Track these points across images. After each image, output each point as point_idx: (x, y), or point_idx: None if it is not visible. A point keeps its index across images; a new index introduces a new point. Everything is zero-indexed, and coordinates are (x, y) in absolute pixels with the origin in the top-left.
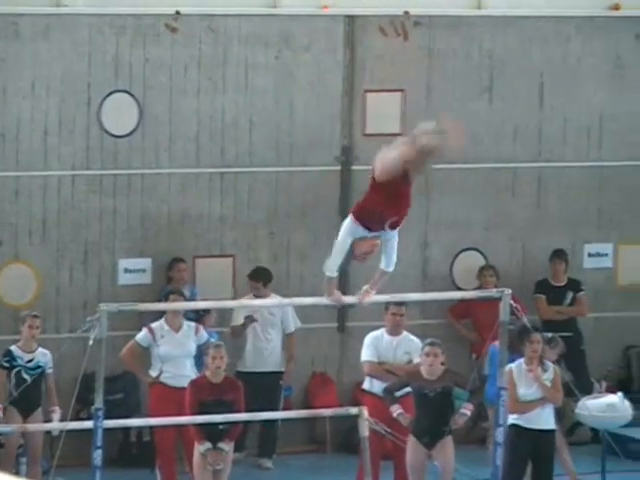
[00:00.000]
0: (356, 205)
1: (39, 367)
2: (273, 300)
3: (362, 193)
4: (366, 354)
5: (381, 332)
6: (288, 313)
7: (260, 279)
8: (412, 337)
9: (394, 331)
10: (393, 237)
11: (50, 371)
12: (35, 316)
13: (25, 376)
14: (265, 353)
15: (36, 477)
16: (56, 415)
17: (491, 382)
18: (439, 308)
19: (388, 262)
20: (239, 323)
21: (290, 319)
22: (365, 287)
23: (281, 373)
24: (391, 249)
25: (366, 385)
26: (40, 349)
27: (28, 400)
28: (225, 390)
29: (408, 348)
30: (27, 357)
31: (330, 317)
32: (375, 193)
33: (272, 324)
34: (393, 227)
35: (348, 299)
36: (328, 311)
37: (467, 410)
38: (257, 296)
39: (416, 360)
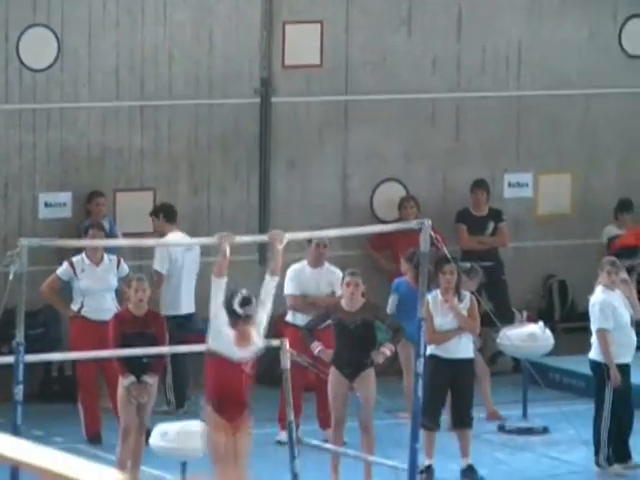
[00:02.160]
0: None
1: None
2: (191, 240)
3: (281, 125)
4: (289, 287)
5: (303, 265)
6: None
7: (159, 213)
8: (333, 268)
9: (316, 263)
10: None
11: None
12: None
13: None
14: (183, 296)
15: None
16: None
17: (405, 318)
18: (359, 240)
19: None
20: (162, 270)
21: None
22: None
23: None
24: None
25: (289, 318)
26: None
27: None
28: (147, 323)
29: (330, 280)
30: None
31: (250, 250)
32: None
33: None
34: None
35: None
36: (248, 244)
37: (387, 350)
38: (159, 232)
39: (339, 292)
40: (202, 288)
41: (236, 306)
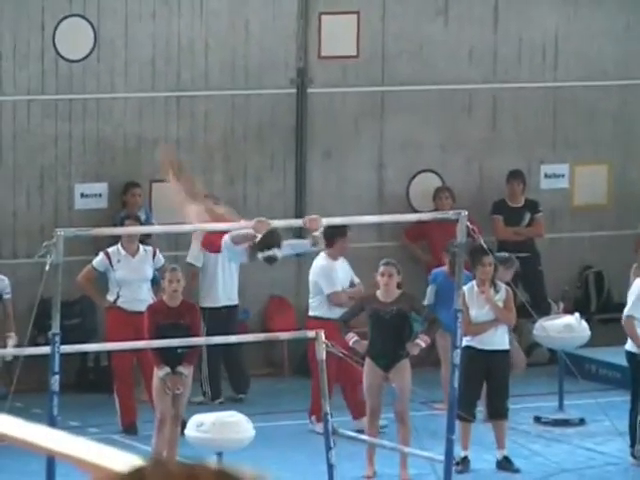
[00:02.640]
0: None
1: None
2: (228, 225)
3: (317, 116)
4: (328, 286)
5: (326, 259)
6: None
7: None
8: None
9: (338, 256)
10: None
11: (8, 296)
12: None
13: None
14: (220, 288)
15: None
16: (11, 341)
17: (442, 308)
18: (395, 230)
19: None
20: (197, 262)
21: None
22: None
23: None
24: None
25: (317, 312)
26: None
27: None
28: (182, 313)
29: (349, 270)
30: None
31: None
32: None
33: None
34: None
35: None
36: (284, 234)
37: (422, 341)
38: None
39: (356, 281)
40: (243, 278)
41: (260, 256)
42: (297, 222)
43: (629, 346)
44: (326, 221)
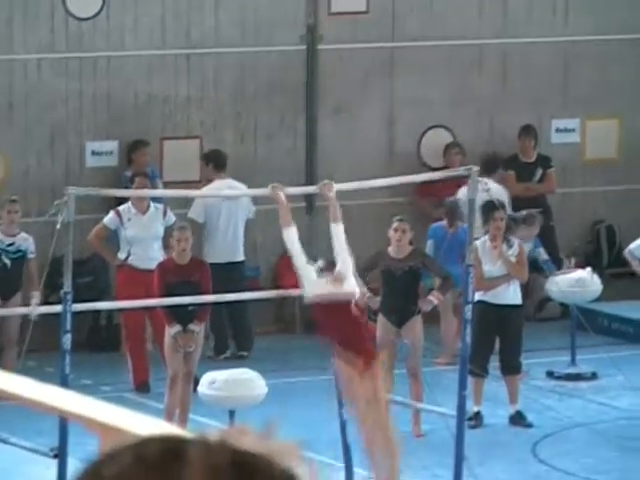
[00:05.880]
0: None
1: (20, 252)
2: (233, 191)
3: (327, 73)
4: None
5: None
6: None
7: (209, 161)
8: None
9: None
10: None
11: (32, 256)
12: (13, 200)
13: (5, 260)
14: (222, 244)
15: (12, 361)
16: (35, 300)
17: (443, 262)
18: (405, 187)
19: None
20: (198, 218)
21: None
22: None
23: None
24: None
25: None
26: (22, 234)
27: (7, 284)
28: (191, 271)
29: None
30: (8, 241)
31: (298, 197)
32: None
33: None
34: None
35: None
36: (297, 199)
37: (434, 298)
38: (208, 180)
39: None
40: (254, 235)
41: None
42: (310, 189)
43: None
44: (339, 187)
